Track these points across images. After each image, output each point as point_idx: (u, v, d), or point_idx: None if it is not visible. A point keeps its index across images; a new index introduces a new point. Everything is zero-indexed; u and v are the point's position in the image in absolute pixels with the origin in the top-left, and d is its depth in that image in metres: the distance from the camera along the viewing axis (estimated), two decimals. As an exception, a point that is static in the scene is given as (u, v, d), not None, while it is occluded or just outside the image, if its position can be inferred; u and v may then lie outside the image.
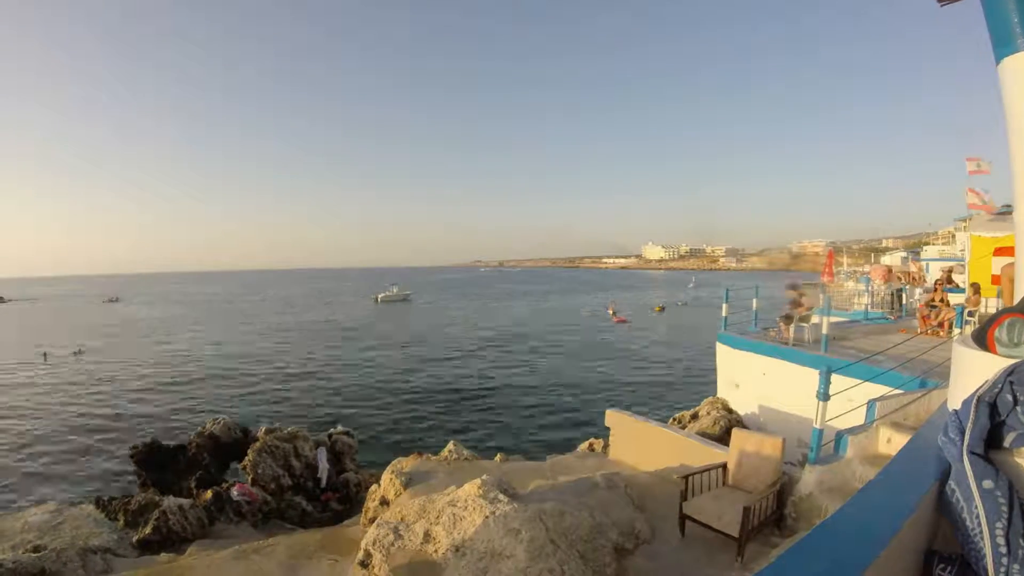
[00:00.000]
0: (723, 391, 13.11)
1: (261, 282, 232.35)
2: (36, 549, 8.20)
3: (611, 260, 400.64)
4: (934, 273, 21.72)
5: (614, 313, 66.16)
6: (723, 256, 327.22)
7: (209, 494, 11.44)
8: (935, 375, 7.32)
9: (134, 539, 9.59)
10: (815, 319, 11.65)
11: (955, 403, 2.13)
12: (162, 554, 8.71)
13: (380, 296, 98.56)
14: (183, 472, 13.47)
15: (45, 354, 43.44)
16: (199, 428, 14.98)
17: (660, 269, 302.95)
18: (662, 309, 72.62)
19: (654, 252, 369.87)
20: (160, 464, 13.75)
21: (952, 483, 1.76)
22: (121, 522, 10.28)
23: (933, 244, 35.47)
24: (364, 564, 5.32)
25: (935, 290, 13.48)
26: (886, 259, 37.40)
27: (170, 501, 10.41)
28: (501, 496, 5.67)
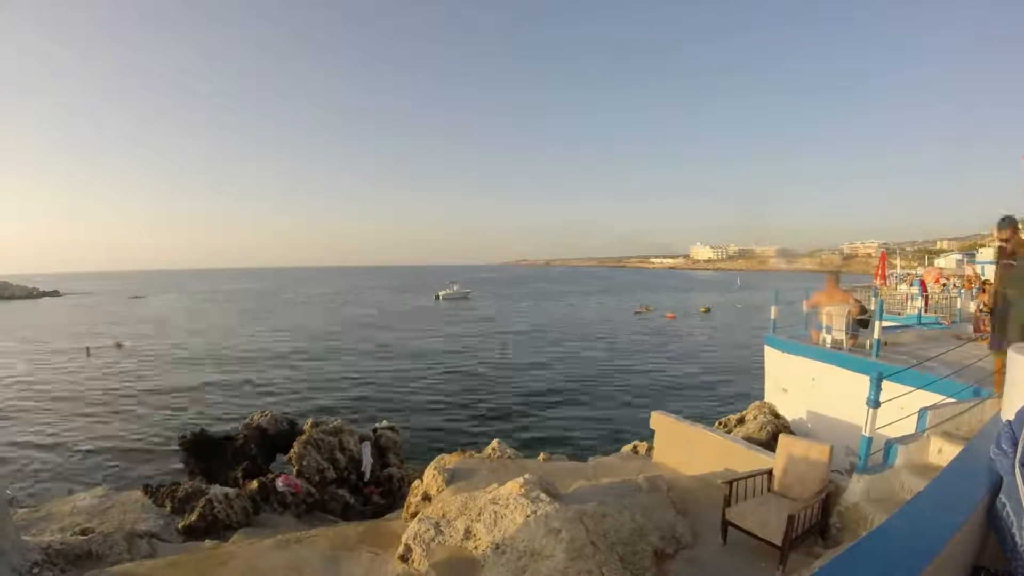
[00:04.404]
0: (770, 395, 12.85)
1: (301, 280, 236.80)
2: (84, 532, 8.41)
3: (658, 260, 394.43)
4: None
5: (644, 311, 66.82)
6: (773, 257, 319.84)
7: (255, 484, 11.66)
8: (989, 384, 7.05)
9: (180, 525, 9.79)
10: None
11: (1009, 413, 2.07)
12: (206, 541, 8.89)
13: (442, 294, 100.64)
14: (230, 462, 13.76)
15: (87, 348, 45.34)
16: (247, 419, 15.33)
17: (708, 269, 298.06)
18: (708, 310, 71.81)
19: (702, 252, 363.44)
20: (207, 454, 14.08)
21: (1003, 497, 1.71)
22: (168, 508, 10.48)
23: (989, 246, 33.91)
24: (404, 558, 5.42)
25: (982, 292, 12.95)
26: (940, 261, 36.04)
27: (216, 490, 10.65)
28: (543, 496, 5.69)
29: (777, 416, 11.74)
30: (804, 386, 11.30)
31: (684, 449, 8.90)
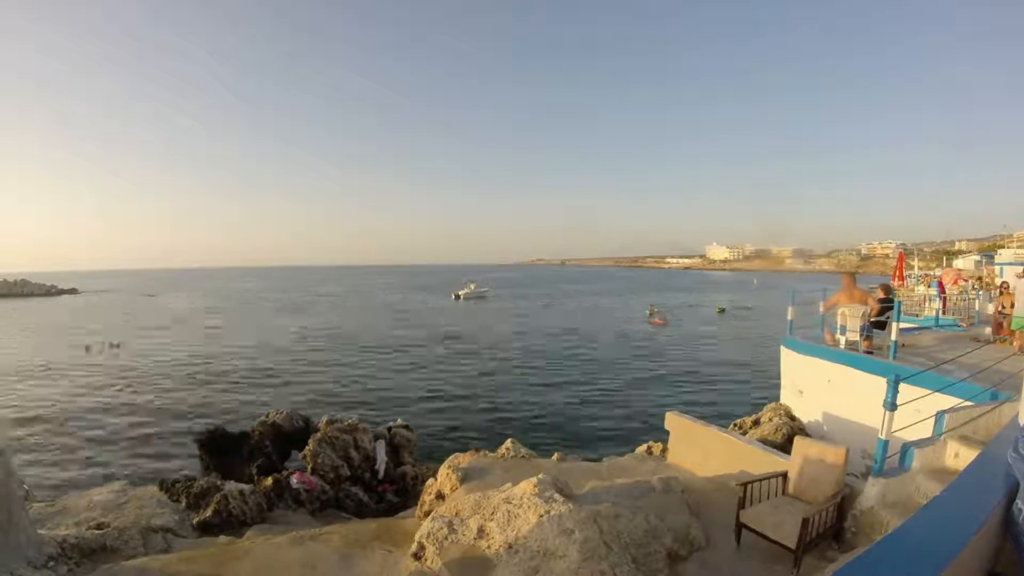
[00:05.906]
0: (786, 397, 12.77)
1: (313, 278, 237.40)
2: (99, 526, 8.42)
3: (674, 260, 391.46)
4: (1009, 278, 20.56)
5: (652, 315, 65.44)
6: (790, 257, 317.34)
7: (269, 481, 11.73)
8: (1007, 387, 6.96)
9: (195, 521, 9.82)
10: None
11: (1026, 418, 2.05)
12: (221, 536, 8.90)
13: (462, 293, 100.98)
14: (245, 458, 13.85)
15: (87, 347, 45.66)
16: (262, 417, 15.39)
17: (724, 270, 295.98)
18: (723, 311, 71.34)
19: (718, 252, 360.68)
20: (223, 450, 14.18)
21: (1020, 502, 1.69)
22: (183, 504, 10.50)
23: (1008, 247, 33.50)
24: (417, 556, 5.44)
25: (1000, 294, 12.82)
26: (959, 263, 35.66)
27: (231, 486, 10.71)
28: (556, 496, 5.70)
29: (793, 418, 11.67)
30: (820, 388, 11.21)
31: (699, 450, 8.87)
